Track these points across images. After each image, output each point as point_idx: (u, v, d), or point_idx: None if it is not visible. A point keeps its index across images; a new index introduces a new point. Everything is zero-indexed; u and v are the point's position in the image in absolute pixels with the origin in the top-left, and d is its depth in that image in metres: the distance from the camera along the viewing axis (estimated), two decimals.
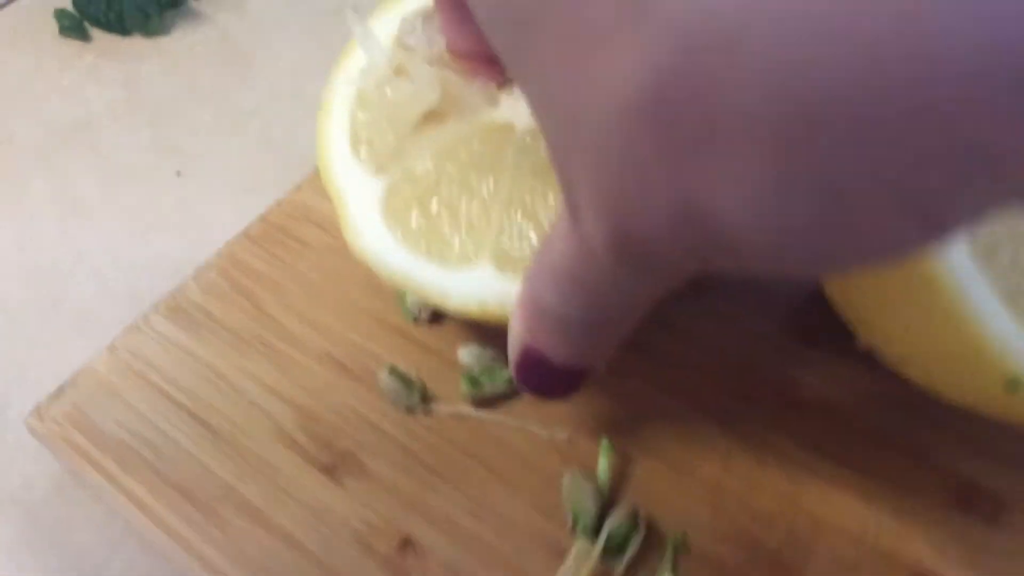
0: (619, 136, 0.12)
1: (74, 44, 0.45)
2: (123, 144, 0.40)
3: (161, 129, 0.40)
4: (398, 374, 0.26)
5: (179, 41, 0.45)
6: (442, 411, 0.26)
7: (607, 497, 0.24)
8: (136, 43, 0.45)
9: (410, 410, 0.26)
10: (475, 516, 0.24)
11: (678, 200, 0.12)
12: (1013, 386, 0.18)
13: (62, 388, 0.27)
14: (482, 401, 0.26)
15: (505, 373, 0.26)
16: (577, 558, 0.23)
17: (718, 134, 0.11)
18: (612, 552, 0.23)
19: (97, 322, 0.33)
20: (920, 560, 0.23)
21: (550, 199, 0.23)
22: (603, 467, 0.24)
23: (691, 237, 0.13)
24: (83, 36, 0.45)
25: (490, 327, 0.24)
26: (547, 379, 0.20)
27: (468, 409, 0.26)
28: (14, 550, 0.27)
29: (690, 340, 0.27)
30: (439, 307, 0.24)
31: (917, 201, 0.11)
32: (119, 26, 0.45)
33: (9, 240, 0.36)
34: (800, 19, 0.10)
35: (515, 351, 0.20)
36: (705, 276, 0.15)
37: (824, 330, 0.25)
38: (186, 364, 0.28)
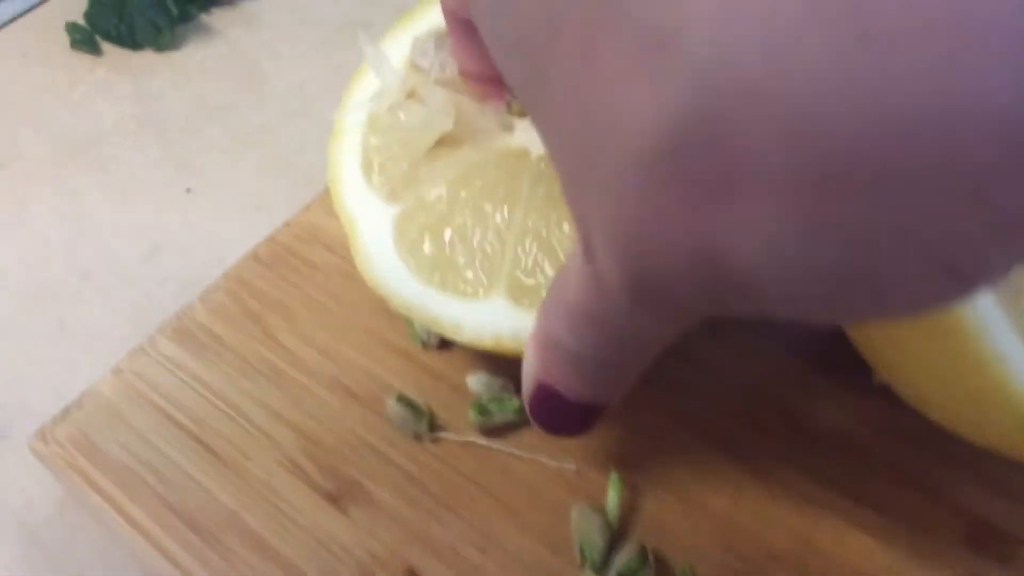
0: (637, 179, 0.12)
1: (85, 58, 0.45)
2: (132, 160, 0.40)
3: (171, 146, 0.40)
4: (406, 401, 0.26)
5: (190, 56, 0.45)
6: (450, 439, 0.26)
7: (616, 530, 0.24)
8: (147, 57, 0.45)
9: (418, 437, 0.26)
10: (480, 549, 0.24)
11: (697, 244, 0.12)
12: None
13: (67, 410, 0.27)
14: (490, 430, 0.26)
15: (514, 402, 0.25)
16: None
17: (739, 180, 0.11)
18: None
19: (103, 341, 0.33)
20: None
21: (565, 228, 0.23)
22: (612, 500, 0.24)
23: (710, 281, 0.12)
24: (94, 50, 0.45)
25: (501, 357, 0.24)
26: (561, 415, 0.19)
27: (476, 437, 0.26)
28: (15, 571, 0.27)
29: (705, 370, 0.27)
30: (452, 339, 0.24)
31: (944, 254, 0.10)
32: (130, 40, 0.45)
33: (15, 257, 0.36)
34: (826, 73, 0.09)
35: (528, 386, 0.19)
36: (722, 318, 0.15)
37: (841, 362, 0.24)
38: (191, 388, 0.27)
